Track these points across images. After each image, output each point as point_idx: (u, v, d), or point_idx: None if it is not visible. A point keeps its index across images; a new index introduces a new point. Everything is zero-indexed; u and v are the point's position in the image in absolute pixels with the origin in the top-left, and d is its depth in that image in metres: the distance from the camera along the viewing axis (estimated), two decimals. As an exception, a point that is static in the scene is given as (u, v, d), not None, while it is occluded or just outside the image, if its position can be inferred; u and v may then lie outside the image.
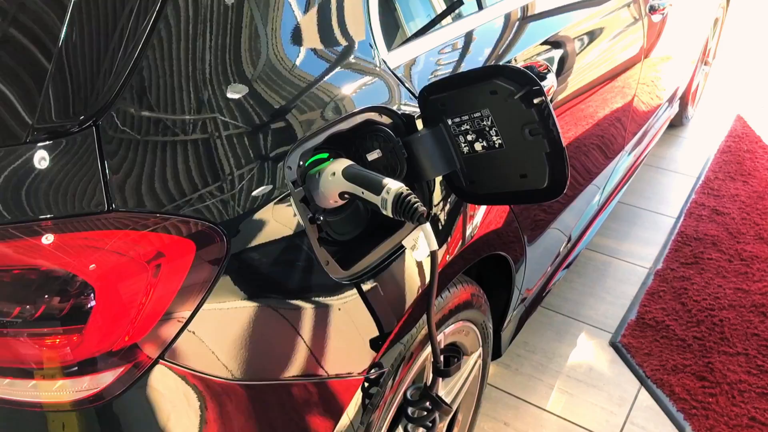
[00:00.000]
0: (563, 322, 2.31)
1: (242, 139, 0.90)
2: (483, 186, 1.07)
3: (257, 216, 0.90)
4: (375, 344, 1.07)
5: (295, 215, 0.94)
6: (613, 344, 2.21)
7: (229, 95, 0.90)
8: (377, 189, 0.95)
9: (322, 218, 0.98)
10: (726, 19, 3.82)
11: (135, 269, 0.78)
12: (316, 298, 0.97)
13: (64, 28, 0.84)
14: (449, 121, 1.05)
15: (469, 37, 1.37)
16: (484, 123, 1.01)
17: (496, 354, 1.78)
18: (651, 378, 2.06)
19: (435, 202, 1.17)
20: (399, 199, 0.92)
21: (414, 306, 1.13)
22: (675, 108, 3.23)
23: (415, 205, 0.92)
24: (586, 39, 1.76)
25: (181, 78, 0.87)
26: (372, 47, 1.11)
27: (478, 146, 1.03)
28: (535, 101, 0.95)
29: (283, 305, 0.94)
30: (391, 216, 0.94)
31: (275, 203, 0.92)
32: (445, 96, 1.03)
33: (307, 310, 0.96)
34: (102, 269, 0.77)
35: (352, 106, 1.03)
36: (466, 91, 1.00)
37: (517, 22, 1.53)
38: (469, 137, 1.04)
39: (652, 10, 2.15)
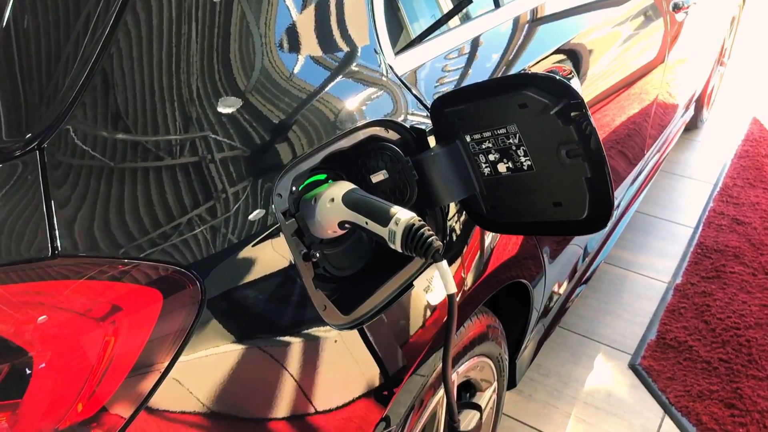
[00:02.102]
0: (579, 342, 2.16)
1: (229, 162, 0.75)
2: (507, 213, 0.92)
3: (242, 254, 0.75)
4: (381, 398, 0.92)
5: (286, 251, 0.79)
6: (632, 367, 2.06)
7: (221, 110, 0.76)
8: (384, 219, 0.80)
9: (318, 254, 0.83)
10: (742, 18, 3.67)
11: (84, 328, 0.63)
12: (312, 351, 0.82)
13: (9, 8, 0.68)
14: (467, 138, 0.90)
15: (485, 40, 1.22)
16: (510, 141, 0.85)
17: (511, 384, 1.63)
18: (675, 405, 1.91)
19: (449, 226, 1.02)
20: (410, 232, 0.78)
21: (427, 350, 0.98)
22: (691, 111, 3.08)
23: (429, 239, 0.77)
24: (609, 41, 1.61)
25: (163, 90, 0.72)
26: (377, 52, 0.96)
27: (502, 167, 0.88)
28: (573, 114, 0.79)
29: (274, 358, 0.79)
30: (400, 251, 0.80)
31: (263, 237, 0.77)
32: (463, 108, 0.88)
33: (302, 364, 0.81)
34: (42, 330, 0.61)
35: (354, 120, 0.88)
36: (488, 103, 0.85)
37: (539, 24, 1.38)
38: (492, 157, 0.88)
39: (676, 8, 2.00)
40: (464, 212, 1.03)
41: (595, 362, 2.08)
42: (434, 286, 0.86)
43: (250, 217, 0.76)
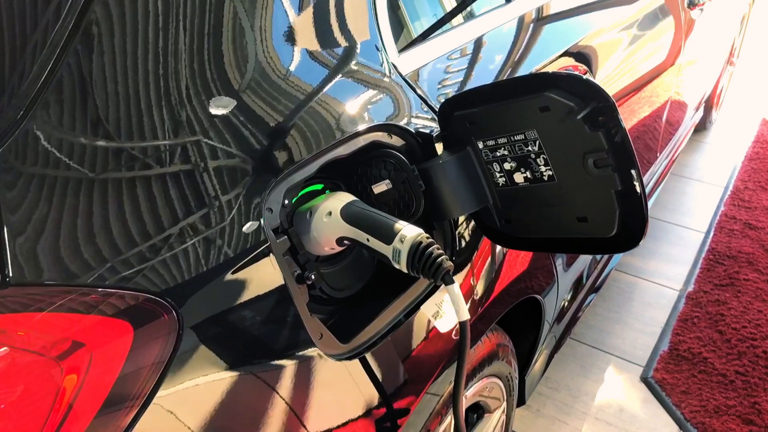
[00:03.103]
0: (588, 353, 2.07)
1: (218, 173, 0.67)
2: (524, 228, 0.83)
3: (226, 278, 0.67)
4: (385, 430, 0.83)
5: (277, 271, 0.70)
6: (645, 380, 1.97)
7: (213, 111, 0.67)
8: (388, 236, 0.71)
9: (313, 276, 0.74)
10: (751, 16, 3.58)
11: (38, 368, 0.54)
12: (308, 385, 0.73)
13: None
14: (480, 144, 0.81)
15: (498, 36, 1.13)
16: (529, 148, 0.76)
17: (520, 401, 1.54)
18: (691, 421, 1.82)
19: (457, 238, 0.93)
20: (417, 251, 0.69)
21: (435, 377, 0.89)
22: (700, 112, 3.00)
23: (438, 259, 0.68)
24: (623, 39, 1.52)
25: (149, 87, 0.63)
26: (379, 49, 0.87)
27: (519, 177, 0.79)
28: (601, 119, 0.70)
29: (264, 392, 0.70)
30: (406, 271, 0.71)
31: (251, 257, 0.68)
32: (476, 111, 0.79)
33: (296, 401, 0.72)
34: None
35: (354, 124, 0.79)
36: (504, 106, 0.76)
37: (557, 18, 1.29)
38: (507, 165, 0.79)
39: (692, 5, 1.92)
40: (474, 224, 0.94)
41: (605, 375, 2.00)
42: (444, 310, 0.78)
43: (244, 228, 0.68)
